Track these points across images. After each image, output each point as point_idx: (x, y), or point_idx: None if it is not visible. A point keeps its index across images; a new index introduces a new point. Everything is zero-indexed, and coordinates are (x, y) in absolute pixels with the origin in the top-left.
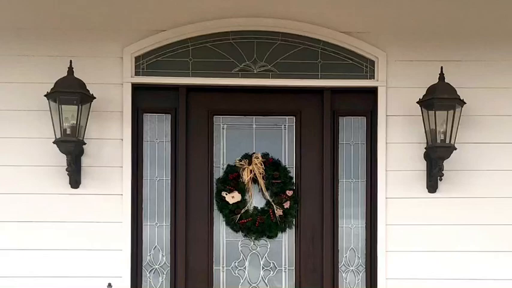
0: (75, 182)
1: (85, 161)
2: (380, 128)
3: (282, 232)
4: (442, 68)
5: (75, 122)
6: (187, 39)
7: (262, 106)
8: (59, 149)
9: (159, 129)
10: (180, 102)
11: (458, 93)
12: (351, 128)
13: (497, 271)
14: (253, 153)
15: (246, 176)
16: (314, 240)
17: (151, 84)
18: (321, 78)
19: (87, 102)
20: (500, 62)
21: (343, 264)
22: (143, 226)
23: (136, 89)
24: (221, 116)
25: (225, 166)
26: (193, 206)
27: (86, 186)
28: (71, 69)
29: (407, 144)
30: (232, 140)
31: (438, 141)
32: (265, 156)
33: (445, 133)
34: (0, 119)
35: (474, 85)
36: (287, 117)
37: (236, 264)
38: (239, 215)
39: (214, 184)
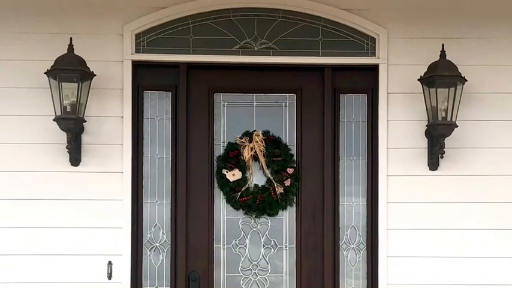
0: (75, 159)
1: (85, 138)
2: (381, 106)
3: (282, 210)
4: (443, 45)
5: (75, 100)
6: (187, 17)
7: (263, 83)
8: (59, 127)
9: (159, 106)
10: (181, 79)
11: (459, 70)
12: (352, 106)
13: (498, 249)
14: (254, 130)
15: (246, 154)
16: (315, 218)
17: (152, 61)
18: (321, 55)
19: (88, 79)
20: (502, 39)
21: (344, 242)
22: (143, 204)
23: (137, 66)
24: (222, 94)
25: (225, 144)
26: (194, 183)
27: (86, 163)
28: (71, 47)
29: (409, 121)
30: (233, 117)
31: (439, 118)
32: (266, 133)
33: (446, 110)
34: (0, 96)
35: (475, 62)
36: (288, 94)
37: (237, 242)
38: (240, 193)
39: (215, 162)
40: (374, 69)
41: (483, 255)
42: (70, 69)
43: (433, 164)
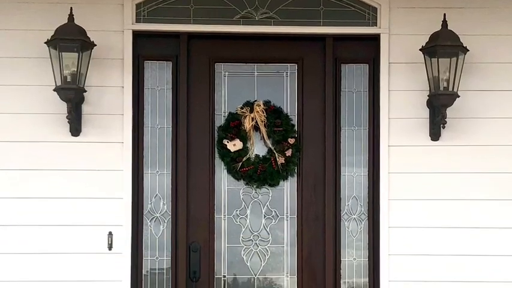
0: (75, 129)
1: (85, 108)
2: (382, 76)
3: (283, 180)
4: (445, 15)
5: (75, 70)
6: None
7: (264, 53)
8: (59, 97)
9: (160, 76)
10: (181, 49)
11: (461, 40)
12: (353, 76)
13: (500, 219)
14: (255, 100)
15: (247, 124)
16: (316, 188)
17: (152, 31)
18: (323, 25)
19: (88, 49)
20: (503, 9)
21: (346, 213)
22: (144, 174)
23: (137, 36)
24: (222, 64)
25: (226, 114)
26: (195, 154)
27: (87, 134)
28: (71, 16)
29: (410, 91)
30: (234, 87)
31: (441, 88)
32: (267, 103)
33: (448, 80)
34: (0, 66)
35: (477, 32)
36: (289, 64)
37: (237, 212)
38: (241, 163)
39: (216, 132)
40: (375, 39)
41: (485, 226)
42: (70, 39)
43: (435, 134)
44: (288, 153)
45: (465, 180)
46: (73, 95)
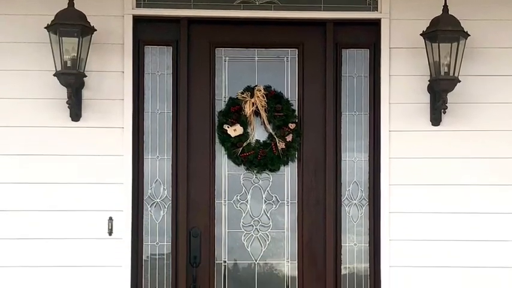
0: (75, 115)
1: (85, 93)
2: (383, 61)
3: (284, 165)
4: None
5: (75, 55)
6: None
7: (265, 38)
8: (59, 82)
9: (160, 61)
10: (182, 34)
11: (462, 25)
12: (354, 61)
13: (500, 205)
14: (256, 85)
15: (248, 109)
16: (317, 173)
17: (153, 16)
18: (323, 10)
19: (88, 34)
20: None
21: (346, 198)
22: (144, 159)
23: (138, 21)
24: (223, 49)
25: (226, 99)
26: (195, 139)
27: (87, 119)
28: (71, 1)
29: (411, 76)
30: (234, 72)
31: (442, 73)
32: (267, 88)
33: (448, 65)
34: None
35: (478, 17)
36: (289, 49)
37: (238, 197)
38: (241, 148)
39: (216, 117)
40: (376, 24)
41: (485, 211)
42: (70, 24)
43: (436, 119)
44: (289, 138)
45: (466, 165)
46: (73, 80)
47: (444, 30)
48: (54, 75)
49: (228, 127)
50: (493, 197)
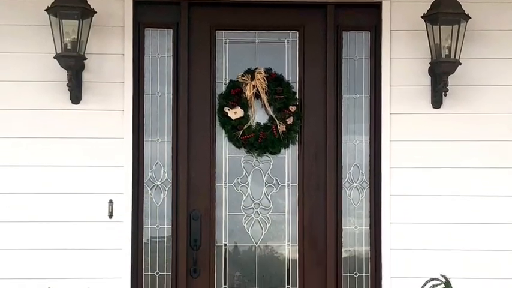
0: (75, 97)
1: (86, 76)
2: (384, 43)
3: (285, 148)
4: None
5: (75, 37)
6: None
7: (265, 21)
8: (60, 64)
9: (160, 44)
10: (182, 16)
11: (463, 7)
12: (355, 43)
13: (501, 188)
14: (256, 68)
15: (248, 92)
16: (317, 156)
17: None
18: None
19: (88, 16)
20: None
21: (347, 181)
22: (145, 142)
23: (138, 3)
24: (223, 31)
25: (227, 81)
26: (195, 121)
27: (87, 101)
28: None
29: (412, 59)
30: (235, 55)
31: (443, 56)
32: (268, 71)
33: (449, 48)
34: (0, 34)
35: None
36: (290, 32)
37: (239, 180)
38: (242, 131)
39: (217, 100)
40: (377, 6)
41: (486, 194)
42: (70, 6)
43: (437, 102)
44: (289, 121)
45: (467, 148)
46: (73, 63)
47: (445, 13)
48: (54, 57)
49: (229, 110)
50: (494, 179)
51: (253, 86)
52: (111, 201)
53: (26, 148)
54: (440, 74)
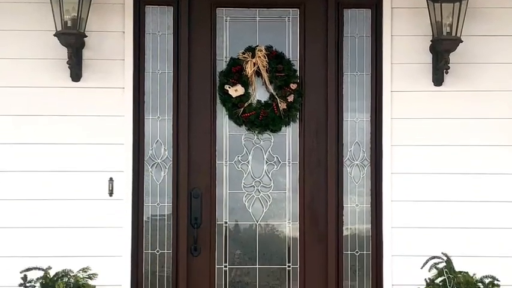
0: (75, 75)
1: (86, 53)
2: (385, 21)
3: (285, 126)
4: None
5: (76, 14)
6: None
7: None
8: (60, 42)
9: (161, 21)
10: None
11: None
12: (356, 21)
13: (502, 165)
14: (257, 45)
15: (249, 69)
16: (318, 134)
17: None
18: None
19: None
20: None
21: (348, 159)
22: (145, 120)
23: None
24: (224, 8)
25: (228, 59)
26: (196, 99)
27: (87, 79)
28: None
29: (413, 36)
30: (235, 32)
31: (444, 33)
32: (268, 49)
33: (451, 25)
34: (0, 11)
35: None
36: (291, 9)
37: (239, 158)
38: (242, 109)
39: (217, 77)
40: None
41: (487, 172)
42: None
43: (438, 80)
44: (290, 98)
45: (468, 125)
46: (73, 40)
47: None
48: (54, 35)
49: (229, 87)
50: (495, 157)
51: (254, 63)
52: (111, 179)
53: (25, 126)
54: (442, 51)
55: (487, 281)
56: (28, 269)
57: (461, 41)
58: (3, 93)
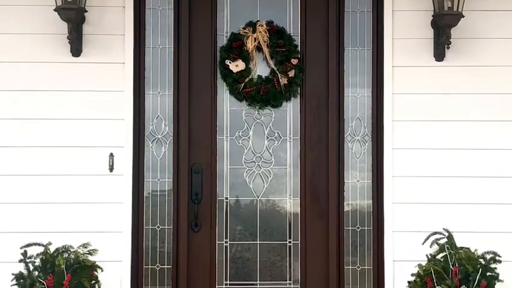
0: (76, 50)
1: (86, 28)
2: None
3: (286, 101)
4: None
5: None
6: None
7: None
8: (60, 17)
9: None
10: None
11: None
12: None
13: (503, 141)
14: (258, 21)
15: (250, 44)
16: (319, 109)
17: None
18: None
19: None
20: None
21: (349, 134)
22: (145, 95)
23: None
24: None
25: (228, 34)
26: (197, 74)
27: (87, 54)
28: None
29: (414, 11)
30: (236, 7)
31: (445, 8)
32: (269, 24)
33: (452, 0)
34: None
35: None
36: None
37: (240, 133)
38: (243, 84)
39: (218, 52)
40: None
41: (488, 147)
42: None
43: (439, 55)
44: (291, 74)
45: (470, 101)
46: (74, 15)
47: None
48: (54, 10)
49: (230, 62)
50: (497, 132)
51: (255, 38)
52: (111, 155)
53: (25, 101)
54: (443, 26)
55: (488, 256)
56: (28, 245)
57: (463, 16)
58: (3, 68)
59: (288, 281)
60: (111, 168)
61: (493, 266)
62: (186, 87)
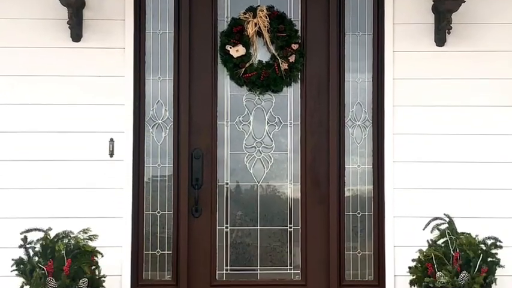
0: (76, 35)
1: (86, 13)
2: None
3: (287, 86)
4: None
5: None
6: None
7: None
8: (60, 2)
9: None
10: None
11: None
12: None
13: (505, 126)
14: (258, 5)
15: (250, 29)
16: (320, 94)
17: None
18: None
19: None
20: None
21: (350, 119)
22: (146, 80)
23: None
24: None
25: (229, 19)
26: (197, 59)
27: (87, 39)
28: None
29: None
30: None
31: None
32: (270, 8)
33: None
34: None
35: None
36: None
37: (240, 119)
38: (243, 69)
39: (218, 37)
40: None
41: (490, 132)
42: None
43: (440, 40)
44: (292, 59)
45: (471, 86)
46: (74, 0)
47: None
48: None
49: (231, 48)
50: (497, 118)
51: (255, 23)
52: (112, 140)
53: (25, 86)
54: (444, 11)
55: (489, 242)
56: (28, 230)
57: (464, 1)
58: (2, 54)
59: (288, 267)
60: (111, 154)
61: (493, 251)
62: (187, 72)
